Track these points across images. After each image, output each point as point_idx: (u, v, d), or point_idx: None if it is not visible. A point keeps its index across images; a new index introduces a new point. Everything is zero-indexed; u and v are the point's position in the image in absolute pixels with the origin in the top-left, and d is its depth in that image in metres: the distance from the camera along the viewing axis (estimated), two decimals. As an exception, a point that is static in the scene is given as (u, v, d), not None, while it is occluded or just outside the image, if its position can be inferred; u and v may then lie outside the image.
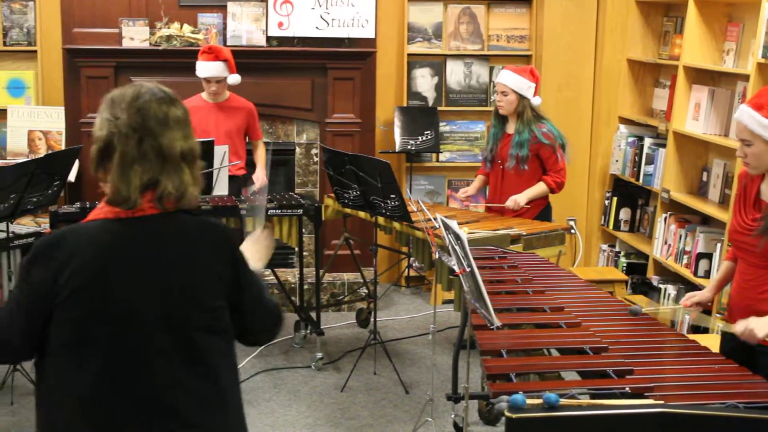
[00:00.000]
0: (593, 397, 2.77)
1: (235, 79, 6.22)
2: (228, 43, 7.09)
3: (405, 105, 7.63)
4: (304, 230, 6.27)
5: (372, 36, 7.28)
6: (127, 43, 7.08)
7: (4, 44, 7.24)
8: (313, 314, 6.21)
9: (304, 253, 6.40)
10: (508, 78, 5.88)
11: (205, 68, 6.16)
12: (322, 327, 6.11)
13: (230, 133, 6.24)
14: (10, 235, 5.20)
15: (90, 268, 2.36)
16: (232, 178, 6.10)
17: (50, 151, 6.77)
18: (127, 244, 2.41)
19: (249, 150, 6.56)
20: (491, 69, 7.74)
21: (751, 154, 3.47)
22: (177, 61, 6.97)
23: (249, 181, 6.33)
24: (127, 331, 2.37)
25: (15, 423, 5.14)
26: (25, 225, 5.80)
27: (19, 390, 5.45)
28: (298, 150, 7.43)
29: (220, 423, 2.47)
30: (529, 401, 2.60)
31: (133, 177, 2.40)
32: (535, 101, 5.89)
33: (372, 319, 5.94)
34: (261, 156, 6.52)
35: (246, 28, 7.19)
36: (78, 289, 2.36)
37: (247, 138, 6.49)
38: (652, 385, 2.88)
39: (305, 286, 6.54)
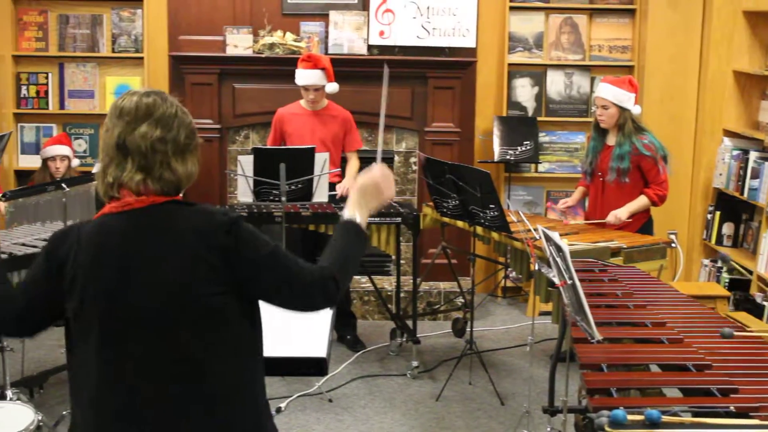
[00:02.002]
0: (696, 415, 2.73)
1: (333, 87, 6.26)
2: (329, 52, 7.17)
3: (504, 115, 7.61)
4: (401, 238, 6.29)
5: (473, 45, 7.28)
6: (230, 51, 7.21)
7: (113, 51, 7.44)
8: (410, 322, 6.22)
9: (401, 262, 6.42)
10: (608, 91, 5.81)
11: (303, 76, 6.22)
12: (418, 335, 6.12)
13: (326, 141, 6.29)
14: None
15: (84, 262, 2.43)
16: (330, 185, 6.17)
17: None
18: (112, 239, 2.45)
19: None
20: (592, 79, 7.67)
21: None
22: (279, 69, 7.06)
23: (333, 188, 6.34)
24: (114, 325, 2.40)
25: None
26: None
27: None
28: (396, 158, 7.46)
29: (218, 420, 2.44)
30: (630, 417, 2.57)
31: (98, 167, 2.54)
32: (635, 110, 5.82)
33: (468, 329, 5.93)
34: (352, 168, 6.52)
35: (347, 37, 7.25)
36: (74, 283, 2.43)
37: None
38: (757, 405, 2.82)
39: (402, 294, 6.56)
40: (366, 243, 2.71)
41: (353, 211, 2.68)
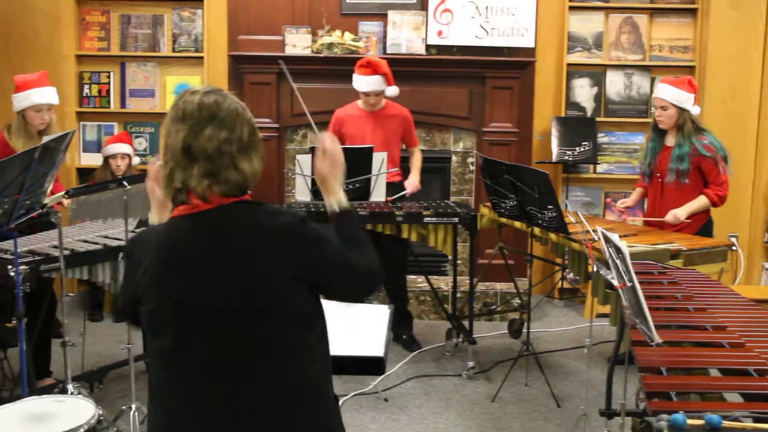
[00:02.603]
0: (757, 420, 2.68)
1: (393, 91, 6.26)
2: (387, 52, 7.18)
3: (563, 115, 7.56)
4: (458, 238, 6.28)
5: (531, 45, 7.26)
6: (289, 50, 7.26)
7: (173, 51, 7.52)
8: (466, 323, 6.21)
9: (458, 262, 6.40)
10: (667, 92, 5.75)
11: (363, 83, 6.23)
12: (474, 336, 6.11)
13: (386, 141, 6.30)
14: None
15: (153, 266, 2.47)
16: (388, 184, 6.17)
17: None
18: (181, 241, 2.47)
19: (405, 157, 6.61)
20: (652, 80, 7.60)
21: None
22: (337, 69, 7.09)
23: (401, 187, 6.37)
24: (181, 325, 2.43)
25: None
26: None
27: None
28: (454, 158, 7.46)
29: (279, 418, 2.43)
30: (690, 422, 2.54)
31: (162, 171, 2.52)
32: (695, 111, 5.75)
33: (524, 330, 5.91)
34: (416, 162, 6.56)
35: (406, 37, 7.26)
36: (146, 285, 2.48)
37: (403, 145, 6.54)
38: (820, 410, 2.77)
39: (458, 295, 6.54)
40: (358, 214, 2.71)
41: (331, 200, 2.70)
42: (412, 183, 6.41)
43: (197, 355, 2.42)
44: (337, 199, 2.69)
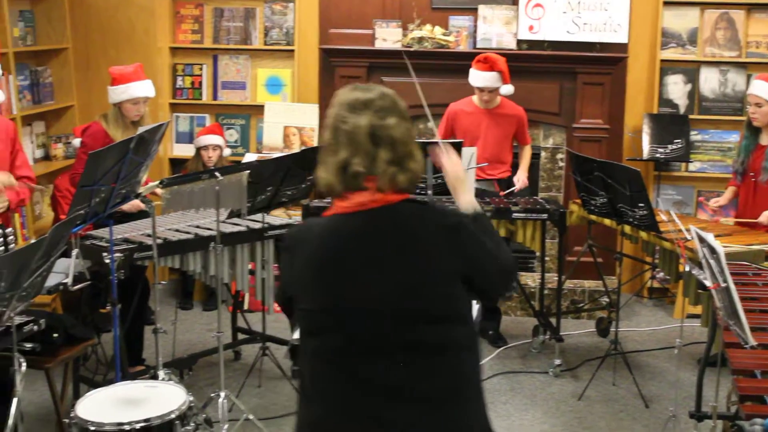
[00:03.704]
0: None
1: (507, 89, 6.25)
2: (478, 46, 7.15)
3: (655, 112, 7.45)
4: (547, 235, 6.23)
5: (624, 41, 7.16)
6: (379, 44, 7.27)
7: (265, 43, 7.60)
8: (553, 320, 6.17)
9: (546, 258, 6.36)
10: (762, 88, 5.63)
11: (479, 78, 6.22)
12: (561, 333, 6.06)
13: (499, 139, 6.30)
14: (265, 225, 5.43)
15: (313, 264, 2.47)
16: (497, 181, 6.21)
17: (304, 147, 7.04)
18: (346, 239, 2.47)
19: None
20: (748, 77, 7.43)
21: None
22: (427, 63, 7.10)
23: (510, 183, 6.37)
24: (347, 325, 2.44)
25: (260, 405, 5.37)
26: (278, 216, 6.05)
27: (266, 374, 5.70)
28: (543, 154, 7.40)
29: (448, 417, 2.44)
30: (786, 426, 2.49)
31: (329, 161, 2.49)
32: None
33: (612, 329, 5.84)
34: (526, 158, 6.56)
35: (496, 31, 7.22)
36: (305, 282, 2.49)
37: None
38: None
39: (545, 292, 6.49)
40: (488, 217, 2.76)
41: (464, 203, 2.72)
42: (521, 179, 6.40)
43: (362, 353, 2.43)
44: (470, 202, 2.71)
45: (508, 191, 6.25)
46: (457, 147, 5.68)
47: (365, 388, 2.43)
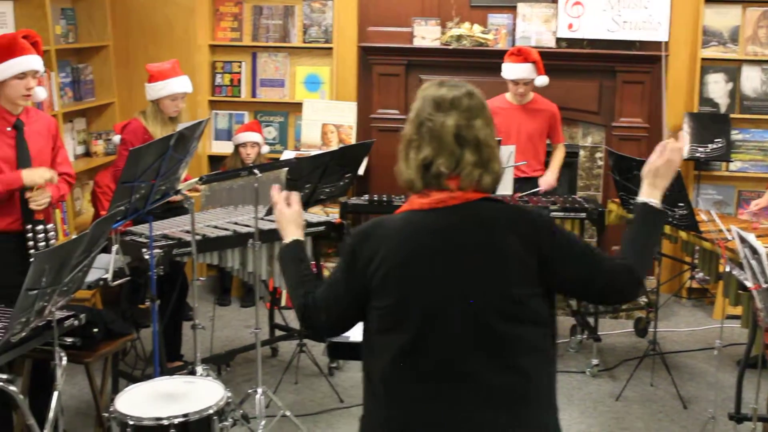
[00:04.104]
0: None
1: (542, 80, 6.21)
2: (516, 44, 7.12)
3: (696, 111, 7.39)
4: (585, 234, 6.20)
5: (665, 39, 7.10)
6: (418, 42, 7.27)
7: (304, 41, 7.61)
8: (590, 319, 6.14)
9: (584, 258, 6.31)
10: None
11: (512, 70, 6.20)
12: (598, 333, 6.03)
13: (532, 135, 6.27)
14: (303, 222, 5.43)
15: (393, 260, 2.44)
16: (529, 179, 6.18)
17: (342, 145, 7.05)
18: (425, 235, 2.45)
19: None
20: (791, 76, 7.36)
21: None
22: (466, 61, 7.09)
23: (536, 183, 6.33)
24: (426, 322, 2.42)
25: (297, 401, 5.39)
26: (315, 214, 6.06)
27: (303, 371, 5.72)
28: (582, 153, 7.36)
29: (520, 417, 2.43)
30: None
31: (411, 157, 2.48)
32: None
33: (651, 329, 5.80)
34: (557, 158, 6.51)
35: (535, 29, 7.20)
36: (383, 280, 2.45)
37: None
38: None
39: (583, 291, 6.44)
40: (664, 220, 2.70)
41: (648, 193, 2.66)
42: (547, 180, 6.34)
43: (440, 352, 2.42)
44: (658, 198, 2.66)
45: (532, 191, 6.21)
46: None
47: (438, 388, 2.42)
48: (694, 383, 5.77)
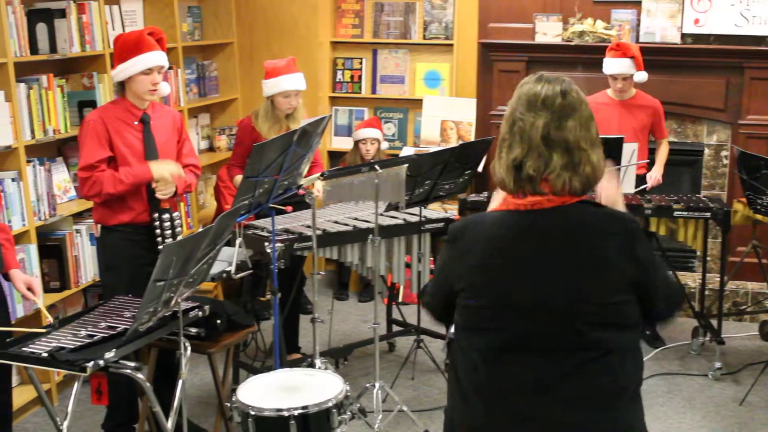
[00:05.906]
0: None
1: (641, 76, 6.11)
2: (640, 40, 7.00)
3: (828, 108, 7.14)
4: (709, 234, 6.06)
5: (796, 34, 6.89)
6: (539, 38, 7.21)
7: (424, 38, 7.62)
8: (714, 322, 6.00)
9: (708, 258, 6.18)
10: None
11: (612, 65, 6.12)
12: (722, 336, 5.88)
13: (634, 132, 6.16)
14: (422, 218, 5.45)
15: (482, 259, 2.44)
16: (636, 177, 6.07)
17: (461, 141, 7.04)
18: (517, 237, 2.43)
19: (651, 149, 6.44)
20: None
21: None
22: (588, 57, 6.99)
23: (643, 180, 6.22)
24: (513, 323, 2.41)
25: (414, 397, 5.41)
26: (434, 210, 6.07)
27: (420, 366, 5.73)
28: (706, 151, 7.19)
29: (606, 419, 2.41)
30: None
31: (503, 156, 2.46)
32: None
33: (777, 333, 5.66)
34: (662, 154, 6.39)
35: (660, 25, 7.06)
36: (472, 278, 2.46)
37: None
38: None
39: (706, 292, 6.32)
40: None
41: None
42: (654, 177, 6.23)
43: (526, 352, 2.41)
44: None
45: (640, 188, 6.09)
46: (618, 143, 5.59)
47: (526, 388, 2.41)
48: (822, 390, 5.60)
